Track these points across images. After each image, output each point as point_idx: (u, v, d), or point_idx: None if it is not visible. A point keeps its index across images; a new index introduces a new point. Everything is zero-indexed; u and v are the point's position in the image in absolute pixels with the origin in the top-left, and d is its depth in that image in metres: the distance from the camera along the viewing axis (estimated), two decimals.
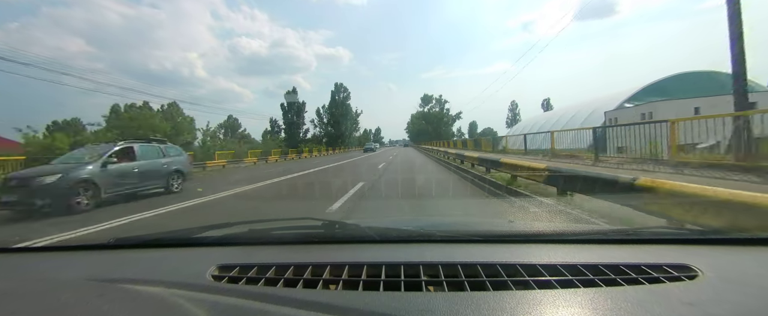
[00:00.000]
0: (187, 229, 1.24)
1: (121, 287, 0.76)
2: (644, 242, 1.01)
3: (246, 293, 0.71)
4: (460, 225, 1.48)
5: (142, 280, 0.79)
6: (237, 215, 5.29)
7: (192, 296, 0.69)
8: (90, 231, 4.55)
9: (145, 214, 5.62)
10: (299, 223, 1.25)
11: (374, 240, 1.06)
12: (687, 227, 1.17)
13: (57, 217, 5.69)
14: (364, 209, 5.37)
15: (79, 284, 0.80)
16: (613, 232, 1.17)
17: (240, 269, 0.84)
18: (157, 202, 6.92)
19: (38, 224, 5.44)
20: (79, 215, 5.80)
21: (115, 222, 5.04)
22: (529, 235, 1.12)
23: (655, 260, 0.82)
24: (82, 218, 5.52)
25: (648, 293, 0.67)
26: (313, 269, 0.82)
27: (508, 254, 0.89)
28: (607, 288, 0.69)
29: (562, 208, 4.21)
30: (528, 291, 0.69)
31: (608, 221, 3.41)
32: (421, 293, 0.71)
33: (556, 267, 0.78)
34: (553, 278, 0.74)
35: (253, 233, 1.19)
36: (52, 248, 1.17)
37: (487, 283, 0.72)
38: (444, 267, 0.80)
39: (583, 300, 0.65)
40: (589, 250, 0.95)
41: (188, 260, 0.98)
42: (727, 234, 1.09)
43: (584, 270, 0.77)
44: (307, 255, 0.93)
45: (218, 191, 8.03)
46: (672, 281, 0.72)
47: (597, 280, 0.72)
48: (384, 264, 0.82)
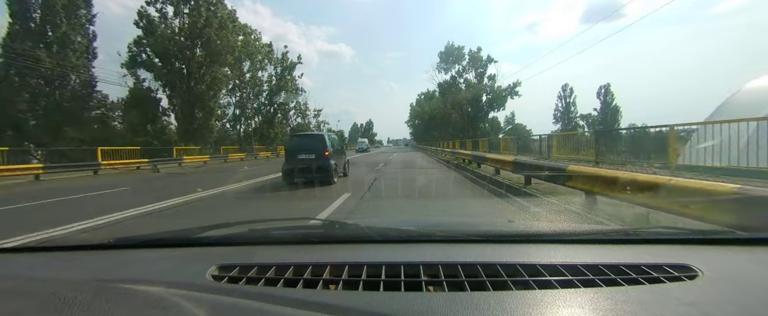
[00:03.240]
0: (187, 229, 1.24)
1: (121, 286, 0.76)
2: (644, 242, 1.01)
3: (246, 293, 0.71)
4: (460, 225, 1.48)
5: (142, 280, 0.79)
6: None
7: (192, 296, 0.69)
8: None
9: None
10: (299, 223, 1.25)
11: (374, 240, 1.06)
12: (687, 227, 1.17)
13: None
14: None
15: (79, 284, 0.80)
16: (613, 232, 1.17)
17: (240, 269, 0.84)
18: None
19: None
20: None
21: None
22: (529, 235, 1.12)
23: (655, 260, 0.82)
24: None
25: (648, 293, 0.67)
26: (313, 269, 0.82)
27: (508, 254, 0.89)
28: (607, 288, 0.69)
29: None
30: (528, 291, 0.69)
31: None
32: (421, 293, 0.71)
33: (556, 267, 0.79)
34: (553, 278, 0.74)
35: (253, 233, 1.19)
36: (53, 248, 1.17)
37: (487, 283, 0.72)
38: (444, 267, 0.80)
39: (583, 300, 0.65)
40: (589, 250, 0.95)
41: (188, 259, 0.98)
42: (727, 234, 1.10)
43: (584, 270, 0.77)
44: (307, 255, 0.93)
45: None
46: (672, 281, 0.72)
47: (597, 280, 0.73)
48: (384, 264, 0.82)
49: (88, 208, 6.34)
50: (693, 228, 1.18)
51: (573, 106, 55.97)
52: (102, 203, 6.95)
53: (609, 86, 53.64)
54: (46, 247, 1.21)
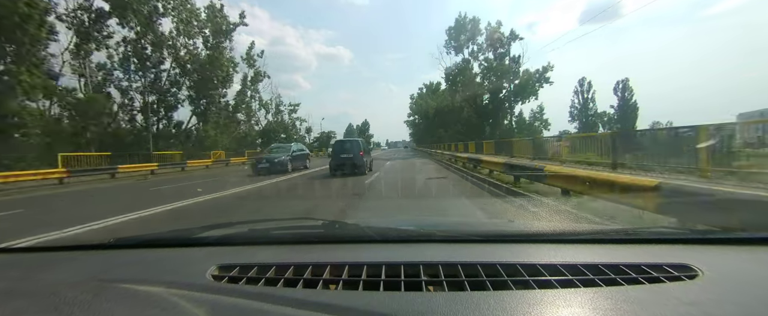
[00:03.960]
0: (187, 229, 1.24)
1: (121, 286, 0.76)
2: (644, 241, 1.01)
3: (246, 293, 0.71)
4: (460, 225, 1.48)
5: (142, 280, 0.79)
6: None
7: (192, 296, 0.69)
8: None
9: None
10: (299, 223, 1.25)
11: (374, 240, 1.06)
12: (687, 227, 1.17)
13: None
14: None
15: (79, 284, 0.80)
16: (613, 232, 1.17)
17: (240, 269, 0.84)
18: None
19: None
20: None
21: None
22: (529, 235, 1.12)
23: (655, 260, 0.82)
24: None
25: (648, 293, 0.67)
26: (313, 269, 0.82)
27: (508, 254, 0.89)
28: (607, 288, 0.69)
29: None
30: (528, 291, 0.69)
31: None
32: (421, 293, 0.71)
33: (556, 267, 0.78)
34: (553, 277, 0.74)
35: (253, 233, 1.19)
36: (53, 248, 1.17)
37: (487, 283, 0.72)
38: (444, 267, 0.80)
39: (583, 300, 0.65)
40: (589, 250, 0.95)
41: (188, 259, 0.98)
42: (727, 234, 1.10)
43: (584, 270, 0.77)
44: (307, 255, 0.93)
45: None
46: (672, 281, 0.72)
47: (597, 280, 0.72)
48: (384, 264, 0.82)
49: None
50: (693, 228, 1.18)
51: (592, 103, 49.26)
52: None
53: (627, 81, 47.75)
54: (46, 247, 1.21)
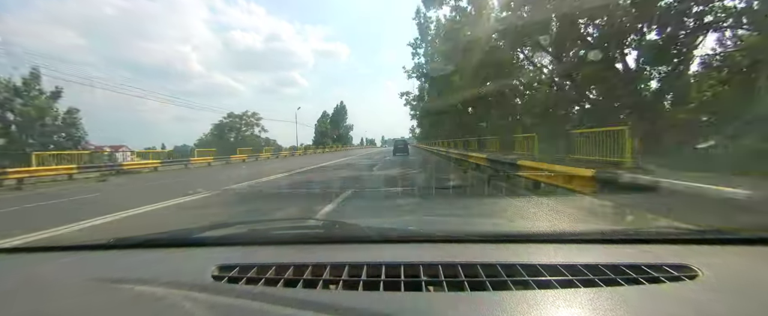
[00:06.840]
0: (186, 229, 1.24)
1: (121, 287, 0.76)
2: (644, 242, 1.01)
3: (246, 293, 0.71)
4: (460, 225, 1.48)
5: (142, 280, 0.79)
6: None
7: (192, 296, 0.69)
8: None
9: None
10: (299, 223, 1.26)
11: (374, 240, 1.06)
12: (687, 227, 1.17)
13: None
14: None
15: (79, 284, 0.80)
16: (613, 232, 1.17)
17: (240, 269, 0.84)
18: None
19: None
20: None
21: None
22: (529, 235, 1.12)
23: (655, 260, 0.82)
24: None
25: (648, 293, 0.67)
26: (313, 269, 0.82)
27: (508, 254, 0.89)
28: (607, 288, 0.69)
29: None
30: (528, 291, 0.69)
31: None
32: (421, 293, 0.71)
33: (556, 267, 0.78)
34: (553, 278, 0.74)
35: (253, 233, 1.19)
36: (53, 248, 1.17)
37: (487, 283, 0.72)
38: (444, 267, 0.80)
39: (583, 300, 0.65)
40: (589, 250, 0.95)
41: (188, 260, 0.98)
42: (726, 234, 1.09)
43: (584, 270, 0.77)
44: (307, 255, 0.93)
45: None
46: (672, 281, 0.72)
47: (597, 280, 0.72)
48: (384, 264, 0.82)
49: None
50: (693, 228, 1.18)
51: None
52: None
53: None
54: (46, 247, 1.21)
